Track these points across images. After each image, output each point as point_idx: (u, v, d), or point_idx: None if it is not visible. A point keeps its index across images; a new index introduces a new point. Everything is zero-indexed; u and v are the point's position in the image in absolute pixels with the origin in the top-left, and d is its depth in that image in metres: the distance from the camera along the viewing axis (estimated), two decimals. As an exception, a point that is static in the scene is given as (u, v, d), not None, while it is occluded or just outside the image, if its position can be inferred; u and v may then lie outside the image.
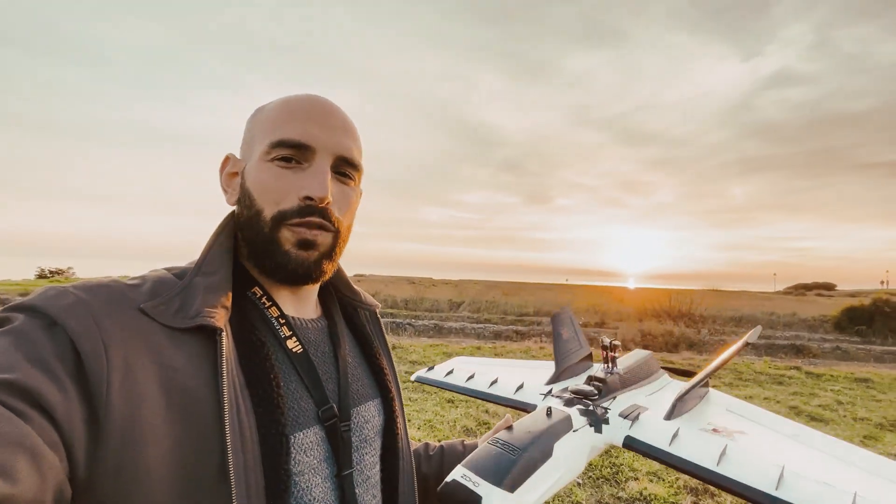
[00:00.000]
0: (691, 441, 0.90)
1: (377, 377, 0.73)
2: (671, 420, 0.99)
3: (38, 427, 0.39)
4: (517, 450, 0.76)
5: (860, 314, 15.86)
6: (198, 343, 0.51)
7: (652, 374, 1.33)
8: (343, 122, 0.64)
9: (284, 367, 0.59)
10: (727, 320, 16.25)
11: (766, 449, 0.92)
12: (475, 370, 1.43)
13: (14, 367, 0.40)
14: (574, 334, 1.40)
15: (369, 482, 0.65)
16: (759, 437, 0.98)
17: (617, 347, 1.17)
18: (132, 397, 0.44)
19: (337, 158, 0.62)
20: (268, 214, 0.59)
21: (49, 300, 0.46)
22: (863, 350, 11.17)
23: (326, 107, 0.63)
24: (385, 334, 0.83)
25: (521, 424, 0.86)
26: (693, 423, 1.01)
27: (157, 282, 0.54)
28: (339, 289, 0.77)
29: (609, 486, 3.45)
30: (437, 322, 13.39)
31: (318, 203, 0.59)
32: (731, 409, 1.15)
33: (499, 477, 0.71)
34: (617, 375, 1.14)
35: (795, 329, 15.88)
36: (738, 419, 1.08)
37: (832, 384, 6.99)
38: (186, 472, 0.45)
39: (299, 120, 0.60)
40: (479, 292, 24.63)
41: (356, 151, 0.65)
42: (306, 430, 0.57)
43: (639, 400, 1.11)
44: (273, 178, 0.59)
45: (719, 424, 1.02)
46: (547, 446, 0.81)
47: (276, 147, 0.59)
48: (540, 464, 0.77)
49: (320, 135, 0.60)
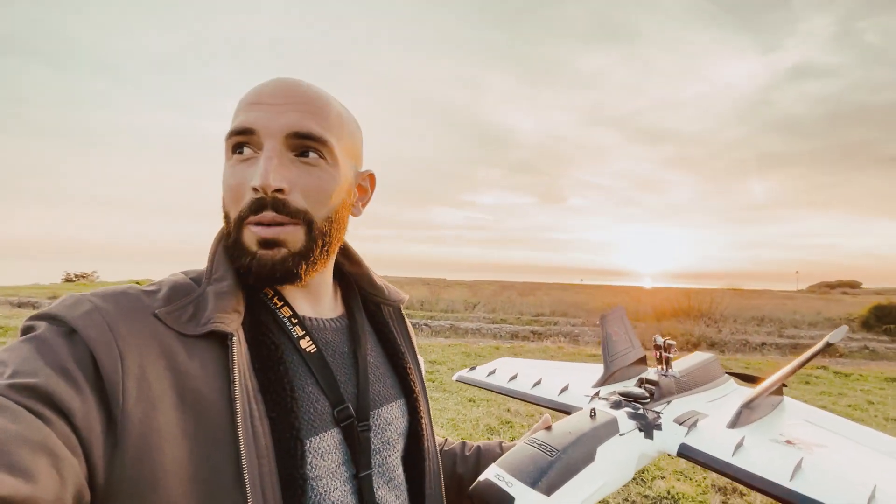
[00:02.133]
0: (759, 452, 0.81)
1: (401, 377, 0.70)
2: (735, 429, 0.89)
3: (59, 430, 0.39)
4: (556, 451, 0.72)
5: (889, 313, 15.38)
6: (210, 349, 0.50)
7: (714, 378, 1.21)
8: (293, 94, 0.56)
9: (299, 369, 0.57)
10: (748, 320, 15.92)
11: (851, 464, 0.81)
12: (518, 371, 1.37)
13: (36, 372, 0.41)
14: (626, 335, 1.30)
15: (392, 483, 0.63)
16: (843, 451, 0.86)
17: (672, 347, 1.08)
18: (148, 404, 0.44)
19: (287, 136, 0.54)
20: (233, 216, 0.56)
21: (67, 309, 0.47)
22: (892, 349, 10.84)
23: (276, 84, 0.56)
24: (410, 331, 0.79)
25: (561, 425, 0.81)
26: (762, 433, 0.91)
27: (173, 287, 0.54)
28: (361, 285, 0.74)
29: (635, 484, 3.43)
30: (453, 322, 13.41)
31: (264, 194, 0.53)
32: (810, 420, 1.03)
33: (534, 478, 0.67)
34: (672, 378, 1.05)
35: (820, 328, 15.48)
36: (819, 431, 0.97)
37: (861, 384, 6.82)
38: (201, 479, 0.45)
39: (246, 104, 0.56)
40: (493, 293, 24.57)
41: (315, 123, 0.56)
42: (323, 434, 0.56)
43: (698, 406, 1.02)
44: (231, 175, 0.56)
45: (794, 436, 0.91)
46: (589, 449, 0.75)
47: (228, 140, 0.56)
48: (581, 467, 0.72)
49: (262, 114, 0.54)
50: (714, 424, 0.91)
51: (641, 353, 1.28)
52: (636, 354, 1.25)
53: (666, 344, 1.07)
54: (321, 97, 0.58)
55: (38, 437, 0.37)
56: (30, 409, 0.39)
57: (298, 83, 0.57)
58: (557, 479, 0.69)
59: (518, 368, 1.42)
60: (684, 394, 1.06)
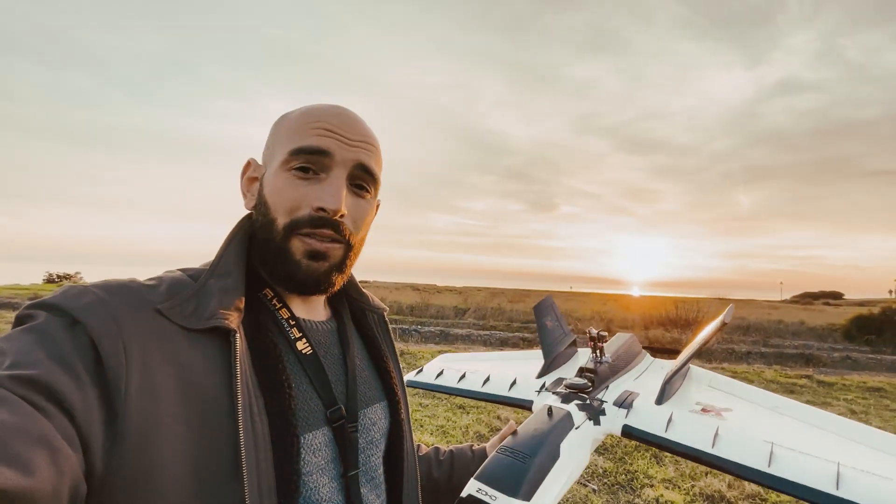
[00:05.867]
0: (685, 425, 0.94)
1: (384, 380, 0.73)
2: (663, 404, 1.03)
3: (57, 423, 0.39)
4: (527, 456, 0.78)
5: (869, 323, 15.72)
6: (212, 344, 0.51)
7: (636, 356, 1.36)
8: (364, 133, 0.63)
9: (295, 369, 0.59)
10: (734, 329, 16.15)
11: (754, 425, 0.96)
12: (465, 368, 1.41)
13: (36, 363, 0.41)
14: (558, 322, 1.41)
15: (374, 483, 0.66)
16: (745, 413, 1.03)
17: (605, 338, 1.18)
18: (150, 397, 0.45)
19: (354, 168, 0.62)
20: (281, 223, 0.59)
21: (70, 299, 0.46)
22: (873, 359, 11.06)
23: (349, 117, 0.63)
24: (392, 338, 0.83)
25: (525, 428, 0.87)
26: (682, 404, 1.05)
27: (173, 283, 0.55)
28: (348, 291, 0.77)
29: (625, 492, 3.44)
30: (443, 329, 13.38)
31: (331, 215, 0.59)
32: (713, 386, 1.21)
33: (514, 487, 0.72)
34: (606, 364, 1.15)
35: (804, 338, 15.75)
36: (723, 396, 1.13)
37: (845, 393, 6.94)
38: (200, 471, 0.46)
39: (320, 128, 0.60)
40: (484, 299, 24.60)
41: (375, 163, 0.64)
42: (315, 432, 0.58)
43: (628, 385, 1.14)
44: (289, 187, 0.59)
45: (706, 403, 1.06)
46: (554, 448, 0.82)
47: (295, 155, 0.59)
48: (550, 466, 0.78)
49: (339, 144, 0.60)
50: (645, 402, 1.04)
51: (572, 336, 1.41)
52: (568, 339, 1.39)
53: (598, 335, 1.17)
54: (375, 138, 0.66)
55: (36, 429, 0.37)
56: (29, 401, 0.39)
57: (361, 120, 0.65)
58: (534, 483, 0.74)
59: (464, 366, 1.47)
60: (616, 376, 1.19)
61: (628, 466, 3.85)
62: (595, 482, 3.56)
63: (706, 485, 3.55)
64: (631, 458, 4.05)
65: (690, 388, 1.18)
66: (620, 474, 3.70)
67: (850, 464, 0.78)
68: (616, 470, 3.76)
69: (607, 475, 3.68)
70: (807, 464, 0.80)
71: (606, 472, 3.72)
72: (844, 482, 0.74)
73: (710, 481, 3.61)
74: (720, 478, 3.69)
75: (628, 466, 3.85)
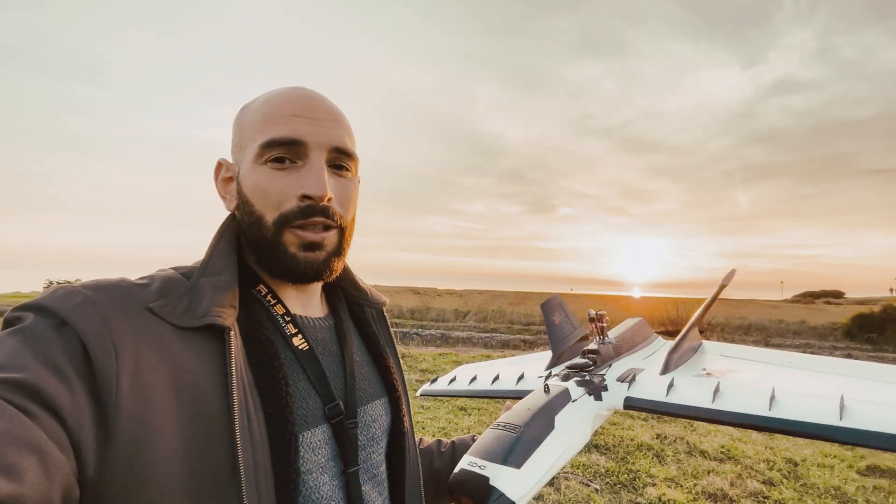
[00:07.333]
0: (686, 388, 0.94)
1: (384, 376, 0.72)
2: (667, 374, 1.03)
3: (46, 427, 0.38)
4: (517, 427, 0.78)
5: (870, 322, 15.71)
6: (206, 342, 0.51)
7: (646, 338, 1.37)
8: (331, 111, 0.62)
9: (291, 366, 0.58)
10: (735, 328, 16.13)
11: (757, 378, 0.97)
12: (477, 373, 1.44)
13: (23, 366, 0.40)
14: (566, 318, 1.42)
15: (376, 480, 0.65)
16: (752, 370, 1.03)
17: (603, 317, 1.19)
18: (142, 397, 0.44)
19: (331, 151, 0.60)
20: (269, 219, 0.58)
21: (58, 300, 0.45)
22: (875, 358, 11.05)
23: (312, 98, 0.61)
24: (392, 332, 0.82)
25: (520, 404, 0.88)
26: (688, 372, 1.05)
27: (165, 281, 0.54)
28: (345, 287, 0.76)
29: (627, 491, 3.44)
30: (444, 331, 13.37)
31: (318, 201, 0.58)
32: (725, 354, 1.21)
33: (503, 455, 0.72)
34: (610, 345, 1.16)
35: (805, 337, 15.73)
36: (733, 361, 1.14)
37: (846, 391, 6.93)
38: (196, 471, 0.45)
39: (287, 115, 0.58)
40: (484, 302, 24.58)
41: (349, 140, 0.63)
42: (314, 429, 0.57)
43: (634, 364, 1.15)
44: (269, 182, 0.58)
45: (713, 368, 1.06)
46: (548, 420, 0.82)
47: (267, 148, 0.58)
48: (543, 437, 0.79)
49: (310, 128, 0.58)
50: (649, 375, 1.04)
51: (583, 331, 1.41)
52: (578, 334, 1.39)
53: (598, 315, 1.18)
54: (342, 113, 0.64)
55: (24, 434, 0.36)
56: (16, 405, 0.38)
57: (325, 98, 0.63)
58: (524, 452, 0.74)
59: (476, 371, 1.50)
60: (622, 356, 1.19)
61: (630, 466, 3.85)
62: (597, 482, 3.56)
63: (708, 483, 3.55)
64: (633, 457, 4.05)
65: (701, 359, 1.18)
66: (622, 474, 3.70)
67: (853, 396, 0.79)
68: (618, 469, 3.76)
69: (609, 475, 3.68)
70: (809, 402, 0.80)
71: (609, 472, 3.72)
72: (848, 413, 0.74)
73: (713, 479, 3.61)
74: (722, 476, 3.69)
75: (630, 466, 3.85)
